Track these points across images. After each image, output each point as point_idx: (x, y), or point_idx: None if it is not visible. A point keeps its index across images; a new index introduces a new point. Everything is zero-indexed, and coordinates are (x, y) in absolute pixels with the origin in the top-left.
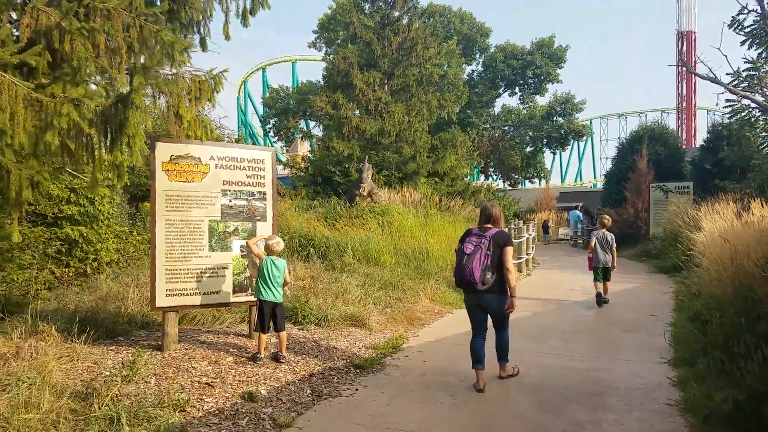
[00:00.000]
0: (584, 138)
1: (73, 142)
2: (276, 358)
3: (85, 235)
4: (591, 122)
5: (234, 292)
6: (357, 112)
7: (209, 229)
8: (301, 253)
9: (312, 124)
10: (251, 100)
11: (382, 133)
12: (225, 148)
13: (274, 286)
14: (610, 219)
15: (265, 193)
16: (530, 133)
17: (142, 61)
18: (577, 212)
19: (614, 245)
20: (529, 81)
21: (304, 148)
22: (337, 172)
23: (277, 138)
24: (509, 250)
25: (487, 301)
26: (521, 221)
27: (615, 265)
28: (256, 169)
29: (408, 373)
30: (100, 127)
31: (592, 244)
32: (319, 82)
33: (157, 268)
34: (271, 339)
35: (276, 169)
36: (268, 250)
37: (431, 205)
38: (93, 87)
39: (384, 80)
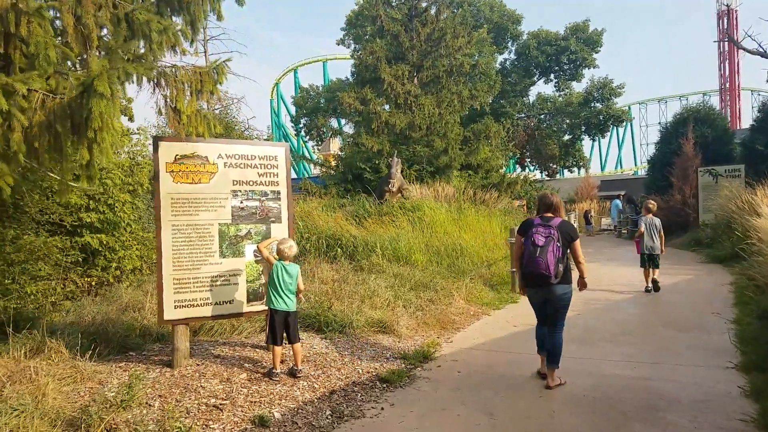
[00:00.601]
0: (624, 124)
1: (37, 140)
2: (292, 373)
3: (105, 242)
4: (630, 108)
5: (248, 301)
6: (386, 106)
7: (219, 234)
8: (328, 254)
9: (342, 121)
10: (284, 102)
11: (412, 127)
12: (234, 145)
13: (285, 294)
14: (656, 204)
15: (279, 193)
16: (567, 121)
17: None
18: (617, 201)
19: (662, 231)
20: (565, 67)
21: (336, 147)
22: (368, 169)
23: (308, 137)
24: (578, 244)
25: (555, 292)
26: None
27: (663, 249)
28: (269, 166)
29: (440, 387)
30: (65, 121)
31: (641, 229)
32: (349, 79)
33: (164, 278)
34: (289, 351)
35: (291, 166)
36: (280, 255)
37: (465, 199)
38: (66, 77)
39: (413, 73)
